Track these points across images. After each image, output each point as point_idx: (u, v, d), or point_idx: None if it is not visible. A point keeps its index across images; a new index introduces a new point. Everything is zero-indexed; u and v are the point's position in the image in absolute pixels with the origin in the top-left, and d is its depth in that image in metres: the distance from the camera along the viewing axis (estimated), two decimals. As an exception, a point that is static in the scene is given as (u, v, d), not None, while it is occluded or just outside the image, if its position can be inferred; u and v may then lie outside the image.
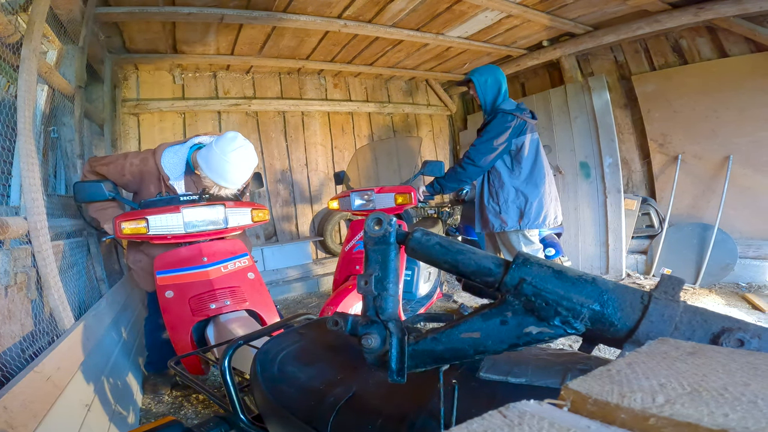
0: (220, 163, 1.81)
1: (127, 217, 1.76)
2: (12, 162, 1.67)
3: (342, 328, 0.62)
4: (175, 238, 1.82)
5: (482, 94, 2.49)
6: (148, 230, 1.75)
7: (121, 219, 1.76)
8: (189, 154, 2.00)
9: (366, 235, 0.62)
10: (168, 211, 1.79)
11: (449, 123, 5.98)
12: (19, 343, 1.39)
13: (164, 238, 1.81)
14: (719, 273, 3.50)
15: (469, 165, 2.43)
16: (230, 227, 1.92)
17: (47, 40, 2.20)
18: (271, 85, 4.76)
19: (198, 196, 1.89)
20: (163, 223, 1.77)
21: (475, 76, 2.50)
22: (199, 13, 2.99)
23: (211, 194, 1.93)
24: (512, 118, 2.37)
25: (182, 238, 1.83)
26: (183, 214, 1.80)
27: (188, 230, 1.81)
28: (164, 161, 1.95)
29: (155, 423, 0.87)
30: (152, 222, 1.75)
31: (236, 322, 1.69)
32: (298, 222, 4.86)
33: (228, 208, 1.92)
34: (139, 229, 1.75)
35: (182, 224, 1.80)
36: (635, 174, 4.26)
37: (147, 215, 1.76)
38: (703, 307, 0.48)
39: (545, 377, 0.61)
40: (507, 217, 2.47)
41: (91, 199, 1.82)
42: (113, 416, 1.62)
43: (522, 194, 2.43)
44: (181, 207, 1.81)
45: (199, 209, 1.84)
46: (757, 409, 0.23)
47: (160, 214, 1.77)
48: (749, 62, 3.37)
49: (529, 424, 0.25)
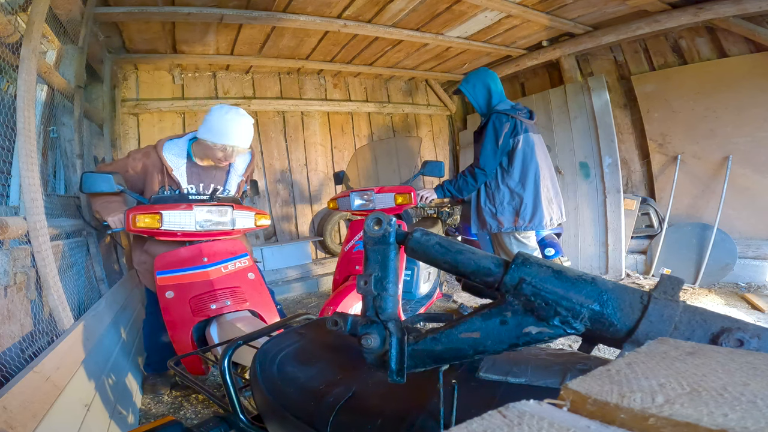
0: (221, 123, 1.89)
1: (141, 211, 1.75)
2: (11, 162, 1.67)
3: (342, 328, 0.62)
4: (185, 235, 1.83)
5: (474, 100, 2.54)
6: (162, 225, 1.75)
7: (134, 212, 1.74)
8: (189, 146, 2.05)
9: (366, 235, 0.62)
10: (182, 208, 1.79)
11: (449, 123, 5.98)
12: (18, 343, 1.39)
13: (174, 234, 1.81)
14: (718, 273, 3.51)
15: (480, 174, 2.46)
16: (236, 229, 1.94)
17: (47, 40, 2.20)
18: (271, 85, 4.76)
19: (209, 196, 1.90)
20: (176, 220, 1.78)
21: (463, 86, 2.55)
22: (198, 13, 2.99)
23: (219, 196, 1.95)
24: (506, 119, 2.38)
25: (191, 236, 1.84)
26: (195, 213, 1.81)
27: (199, 228, 1.82)
28: (166, 152, 2.00)
29: (155, 423, 0.87)
30: (166, 218, 1.75)
31: (242, 321, 1.69)
32: (297, 222, 4.86)
33: (236, 209, 1.93)
34: (152, 223, 1.74)
35: (194, 222, 1.81)
36: (635, 174, 4.27)
37: (161, 210, 1.75)
38: (702, 307, 0.48)
39: (545, 377, 0.61)
40: (503, 218, 2.50)
41: (99, 190, 1.80)
42: (113, 416, 1.61)
43: (516, 195, 2.45)
44: (194, 205, 1.82)
45: (210, 209, 1.86)
46: (756, 408, 0.23)
47: (175, 210, 1.78)
48: (748, 62, 3.38)
49: (528, 424, 0.25)
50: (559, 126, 4.31)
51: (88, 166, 2.70)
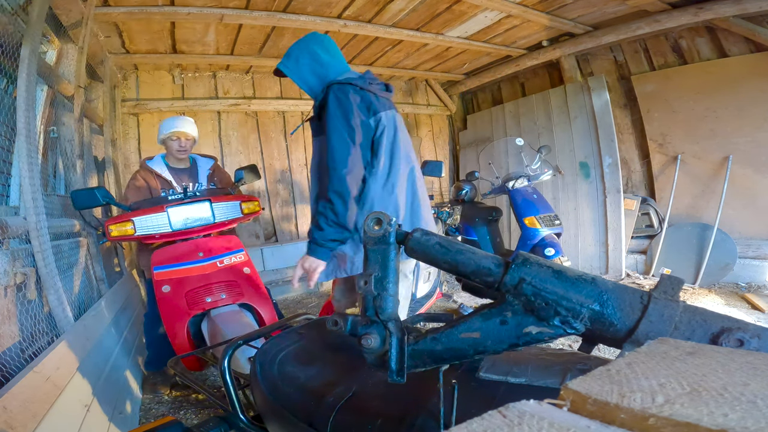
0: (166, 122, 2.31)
1: (115, 221, 1.81)
2: (12, 162, 1.67)
3: (342, 328, 0.62)
4: (164, 236, 1.86)
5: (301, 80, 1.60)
6: (136, 231, 1.80)
7: (109, 222, 1.81)
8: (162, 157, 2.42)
9: (366, 235, 0.62)
10: (153, 212, 1.84)
11: (449, 123, 5.98)
12: (18, 343, 1.39)
13: (152, 237, 1.85)
14: (719, 273, 3.51)
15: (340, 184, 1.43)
16: (219, 222, 1.95)
17: (47, 40, 2.20)
18: (271, 85, 4.76)
19: (182, 194, 1.94)
20: (149, 224, 1.83)
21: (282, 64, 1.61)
22: (198, 12, 2.99)
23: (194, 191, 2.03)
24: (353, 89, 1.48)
25: (171, 237, 1.87)
26: (168, 213, 1.85)
27: (175, 228, 1.85)
28: (149, 164, 2.35)
29: (155, 423, 0.87)
30: (138, 223, 1.81)
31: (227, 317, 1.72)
32: (297, 222, 4.86)
33: (215, 203, 1.94)
34: (126, 230, 1.80)
35: (168, 223, 1.84)
36: (635, 174, 4.26)
37: (133, 217, 1.80)
38: (702, 307, 0.48)
39: (545, 377, 0.61)
40: None
41: (88, 205, 1.86)
42: (113, 416, 1.61)
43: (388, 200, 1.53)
44: (166, 206, 1.86)
45: (184, 207, 1.89)
46: (756, 408, 0.23)
47: (146, 215, 1.82)
48: (748, 62, 3.37)
49: (528, 424, 0.25)
50: (559, 126, 4.31)
51: (89, 166, 2.71)
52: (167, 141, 2.31)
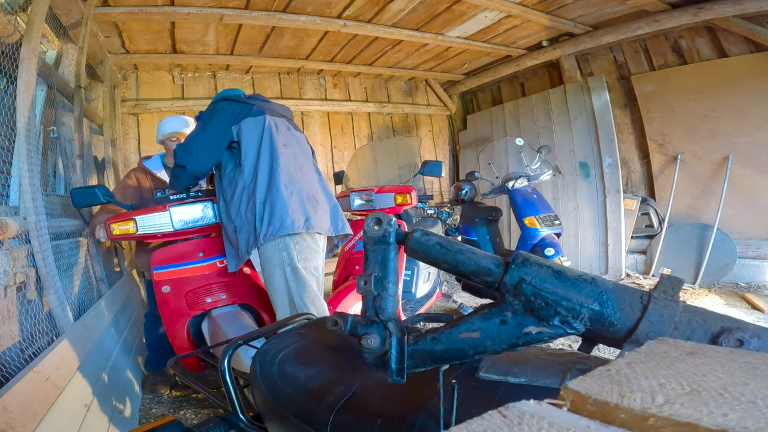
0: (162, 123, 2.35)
1: (117, 219, 1.80)
2: (11, 162, 1.67)
3: (342, 328, 0.62)
4: (165, 236, 1.85)
5: None
6: (137, 230, 1.79)
7: (110, 221, 1.79)
8: (161, 157, 2.46)
9: (365, 235, 0.62)
10: (156, 211, 1.82)
11: (449, 123, 5.98)
12: (18, 343, 1.39)
13: (154, 237, 1.84)
14: (718, 273, 3.51)
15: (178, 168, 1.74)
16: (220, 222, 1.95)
17: (47, 40, 2.20)
18: (271, 85, 4.76)
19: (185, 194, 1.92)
20: (151, 223, 1.81)
21: None
22: (198, 12, 2.99)
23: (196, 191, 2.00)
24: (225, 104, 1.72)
25: (173, 236, 1.86)
26: (171, 213, 1.83)
27: (177, 228, 1.84)
28: (146, 163, 2.40)
29: (155, 423, 0.87)
30: (140, 222, 1.79)
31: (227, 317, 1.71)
32: (297, 222, 4.85)
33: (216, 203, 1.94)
34: (128, 229, 1.78)
35: (170, 222, 1.83)
36: (634, 174, 4.26)
37: (135, 215, 1.79)
38: (702, 307, 0.48)
39: (545, 377, 0.61)
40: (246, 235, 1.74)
41: (88, 203, 1.85)
42: (113, 416, 1.61)
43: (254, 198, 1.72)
44: (169, 205, 1.84)
45: (187, 206, 1.87)
46: (756, 408, 0.23)
47: (148, 214, 1.80)
48: (748, 62, 3.37)
49: (528, 424, 0.25)
50: (559, 126, 4.31)
51: (88, 166, 2.70)
52: (166, 141, 2.33)
